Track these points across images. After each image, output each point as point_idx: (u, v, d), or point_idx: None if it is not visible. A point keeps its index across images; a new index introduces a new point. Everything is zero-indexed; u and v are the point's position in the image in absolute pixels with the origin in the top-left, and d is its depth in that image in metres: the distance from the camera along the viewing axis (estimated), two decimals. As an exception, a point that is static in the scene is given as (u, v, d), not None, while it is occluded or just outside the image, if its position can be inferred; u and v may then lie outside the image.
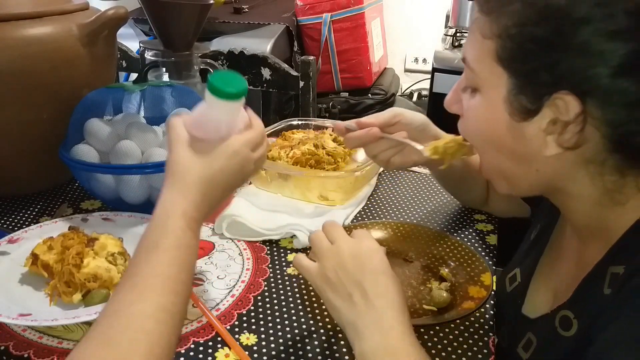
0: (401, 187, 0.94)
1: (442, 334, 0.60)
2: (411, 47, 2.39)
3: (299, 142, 0.91)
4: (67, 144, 0.81)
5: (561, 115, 0.45)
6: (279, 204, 0.83)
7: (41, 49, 0.76)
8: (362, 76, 1.99)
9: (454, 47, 1.73)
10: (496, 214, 0.83)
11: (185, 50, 1.05)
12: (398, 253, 0.74)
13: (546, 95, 0.45)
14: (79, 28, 0.80)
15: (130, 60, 1.44)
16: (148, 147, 0.80)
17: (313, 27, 1.94)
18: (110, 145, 0.80)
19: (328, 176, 0.84)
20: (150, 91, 0.90)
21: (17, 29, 0.75)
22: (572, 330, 0.49)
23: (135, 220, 0.76)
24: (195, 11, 1.02)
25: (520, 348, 0.56)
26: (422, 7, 2.32)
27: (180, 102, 0.88)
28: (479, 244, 0.78)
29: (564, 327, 0.50)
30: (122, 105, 0.89)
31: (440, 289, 0.65)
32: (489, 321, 0.63)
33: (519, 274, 0.64)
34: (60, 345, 0.57)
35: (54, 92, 0.79)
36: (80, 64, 0.81)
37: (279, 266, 0.72)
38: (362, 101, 1.96)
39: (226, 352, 0.57)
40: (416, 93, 2.34)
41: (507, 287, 0.65)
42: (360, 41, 1.94)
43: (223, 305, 0.64)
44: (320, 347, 0.58)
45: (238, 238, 0.77)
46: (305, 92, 1.31)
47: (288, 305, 0.64)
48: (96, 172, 0.78)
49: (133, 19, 1.86)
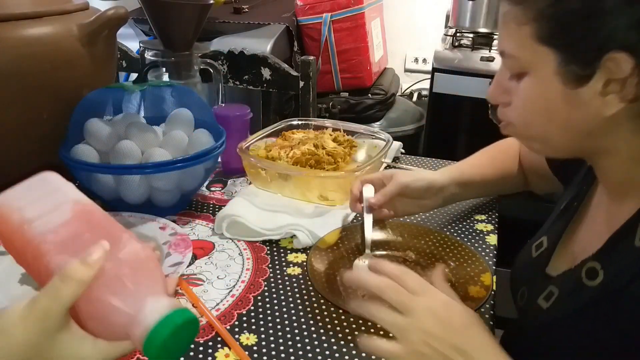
0: (401, 187, 0.94)
1: (442, 334, 0.60)
2: (411, 47, 2.38)
3: (299, 142, 0.92)
4: (67, 144, 0.81)
5: (615, 74, 0.46)
6: (279, 204, 0.83)
7: (41, 49, 0.76)
8: (362, 76, 1.98)
9: (454, 47, 1.73)
10: (536, 191, 0.84)
11: (185, 50, 1.05)
12: (398, 253, 0.74)
13: (596, 59, 0.46)
14: (79, 28, 0.80)
15: (130, 60, 1.44)
16: (148, 147, 0.80)
17: (313, 27, 1.94)
18: (110, 146, 0.80)
19: (328, 176, 0.84)
20: (150, 91, 0.90)
21: (17, 29, 0.75)
22: (597, 279, 0.50)
23: (135, 220, 0.76)
24: (195, 11, 1.02)
25: (541, 299, 0.56)
26: (422, 7, 2.32)
27: (180, 102, 0.88)
28: (479, 244, 0.78)
29: (590, 277, 0.51)
30: (122, 105, 0.89)
31: (440, 289, 0.65)
32: (489, 321, 0.63)
33: (545, 241, 0.64)
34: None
35: (54, 92, 0.79)
36: (80, 64, 0.81)
37: (279, 266, 0.72)
38: (362, 101, 1.96)
39: (226, 352, 0.57)
40: (416, 93, 2.34)
41: (533, 254, 0.65)
42: (360, 41, 1.94)
43: (223, 305, 0.64)
44: (320, 347, 0.58)
45: (238, 238, 0.77)
46: (305, 92, 1.31)
47: (288, 305, 0.64)
48: (96, 172, 0.78)
49: (133, 19, 1.86)
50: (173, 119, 0.86)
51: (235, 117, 0.94)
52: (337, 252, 0.72)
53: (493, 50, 1.71)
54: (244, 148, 0.88)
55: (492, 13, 1.73)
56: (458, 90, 1.64)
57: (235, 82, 1.39)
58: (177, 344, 0.40)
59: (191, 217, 0.84)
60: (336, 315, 0.63)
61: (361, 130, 0.99)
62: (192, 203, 0.88)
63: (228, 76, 1.38)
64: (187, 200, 0.87)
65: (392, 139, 0.93)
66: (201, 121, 0.86)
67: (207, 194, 0.91)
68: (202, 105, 0.87)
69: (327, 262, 0.70)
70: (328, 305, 0.64)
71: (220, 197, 0.90)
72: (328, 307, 0.64)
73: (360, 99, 1.96)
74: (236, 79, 1.39)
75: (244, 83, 1.38)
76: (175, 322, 0.39)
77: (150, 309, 0.40)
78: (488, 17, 1.73)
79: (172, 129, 0.84)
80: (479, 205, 0.89)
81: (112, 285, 0.41)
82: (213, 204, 0.88)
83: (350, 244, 0.74)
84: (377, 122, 1.97)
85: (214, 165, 0.87)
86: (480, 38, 1.76)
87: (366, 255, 0.71)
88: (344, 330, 0.60)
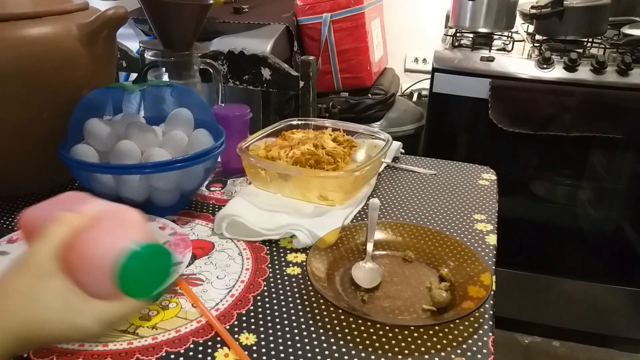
0: (401, 187, 0.94)
1: (441, 334, 0.60)
2: (411, 47, 2.39)
3: (298, 142, 0.92)
4: (67, 144, 0.81)
5: None
6: (278, 204, 0.83)
7: (41, 49, 0.76)
8: (362, 76, 1.99)
9: (454, 47, 1.73)
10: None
11: (185, 50, 1.05)
12: (398, 253, 0.74)
13: None
14: (78, 28, 0.80)
15: (130, 60, 1.44)
16: (148, 147, 0.80)
17: (313, 27, 1.94)
18: (109, 145, 0.80)
19: (328, 176, 0.84)
20: (150, 91, 0.90)
21: (16, 29, 0.75)
22: None
23: (135, 220, 0.76)
24: (195, 11, 1.02)
25: None
26: (422, 7, 2.32)
27: (180, 102, 0.88)
28: (478, 244, 0.78)
29: None
30: (122, 105, 0.89)
31: (440, 288, 0.65)
32: (489, 321, 0.63)
33: None
34: (59, 345, 0.57)
35: (54, 92, 0.79)
36: (80, 64, 0.81)
37: (278, 266, 0.72)
38: (362, 101, 1.96)
39: (225, 352, 0.57)
40: (416, 93, 2.34)
41: None
42: (360, 41, 1.94)
43: (222, 305, 0.64)
44: (319, 347, 0.58)
45: (237, 238, 0.77)
46: (305, 92, 1.31)
47: (288, 305, 0.64)
48: (96, 172, 0.78)
49: (133, 19, 1.86)
50: (173, 119, 0.86)
51: (235, 117, 0.94)
52: (337, 252, 0.72)
53: (493, 50, 1.71)
54: (244, 148, 0.88)
55: (492, 13, 1.73)
56: (458, 90, 1.64)
57: (235, 82, 1.39)
58: (152, 277, 0.41)
59: (191, 217, 0.84)
60: (336, 315, 0.63)
61: (361, 130, 0.99)
62: (192, 203, 0.88)
63: (228, 76, 1.38)
64: (187, 200, 0.87)
65: (392, 139, 0.93)
66: (201, 121, 0.86)
67: (206, 194, 0.91)
68: (202, 105, 0.87)
69: (327, 262, 0.70)
70: (328, 305, 0.64)
71: (220, 197, 0.90)
72: (328, 307, 0.64)
73: (360, 99, 1.97)
74: (236, 79, 1.39)
75: (244, 83, 1.38)
76: (144, 252, 0.41)
77: (125, 247, 0.42)
78: (488, 17, 1.73)
79: (171, 128, 0.84)
80: (479, 205, 0.89)
81: (97, 234, 0.43)
82: (213, 204, 0.88)
83: (350, 244, 0.74)
84: (377, 122, 1.97)
85: (214, 165, 0.87)
86: (480, 38, 1.76)
87: (367, 256, 0.71)
88: (344, 330, 0.60)
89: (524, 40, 1.83)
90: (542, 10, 1.65)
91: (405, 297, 0.66)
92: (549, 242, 1.84)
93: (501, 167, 1.08)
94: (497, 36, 1.78)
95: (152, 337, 0.58)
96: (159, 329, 0.60)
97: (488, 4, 1.72)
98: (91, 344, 0.57)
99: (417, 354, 0.57)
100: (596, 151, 1.69)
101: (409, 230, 0.77)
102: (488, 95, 1.59)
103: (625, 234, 1.76)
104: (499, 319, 0.66)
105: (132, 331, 0.59)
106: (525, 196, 1.83)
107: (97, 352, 0.56)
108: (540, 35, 1.74)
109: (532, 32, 1.80)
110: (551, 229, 1.84)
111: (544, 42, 1.72)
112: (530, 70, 1.60)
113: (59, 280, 0.42)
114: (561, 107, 1.57)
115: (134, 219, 0.46)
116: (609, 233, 1.79)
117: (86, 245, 0.43)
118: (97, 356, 0.56)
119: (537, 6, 1.68)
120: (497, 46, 1.74)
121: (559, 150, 1.70)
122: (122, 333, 0.59)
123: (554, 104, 1.57)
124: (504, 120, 1.59)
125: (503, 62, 1.63)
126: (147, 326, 0.60)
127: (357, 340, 0.59)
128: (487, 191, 0.94)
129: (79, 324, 0.44)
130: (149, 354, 0.56)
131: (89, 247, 0.42)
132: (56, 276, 0.42)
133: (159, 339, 0.58)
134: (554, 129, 1.60)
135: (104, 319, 0.44)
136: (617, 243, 1.78)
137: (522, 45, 1.79)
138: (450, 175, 1.00)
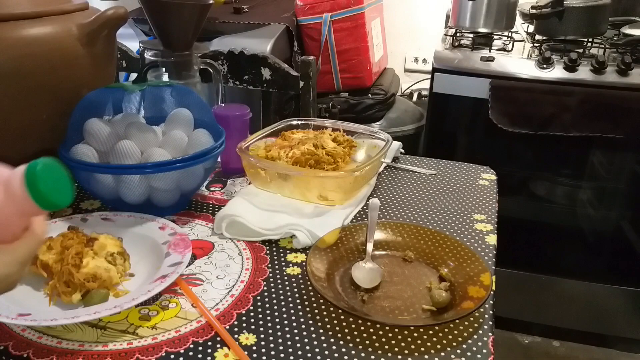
0: (401, 187, 0.94)
1: (441, 334, 0.60)
2: (411, 47, 2.38)
3: (298, 142, 0.91)
4: (67, 144, 0.81)
5: None
6: (278, 204, 0.83)
7: (40, 49, 0.76)
8: (362, 76, 1.99)
9: (454, 47, 1.73)
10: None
11: (185, 50, 1.05)
12: (397, 253, 0.74)
13: None
14: (78, 28, 0.80)
15: (130, 60, 1.44)
16: (148, 147, 0.80)
17: (313, 27, 1.94)
18: (109, 145, 0.80)
19: (327, 176, 0.84)
20: (150, 91, 0.90)
21: (16, 29, 0.75)
22: None
23: (134, 220, 0.76)
24: (195, 11, 1.02)
25: None
26: (422, 7, 2.32)
27: (180, 102, 0.88)
28: (478, 244, 0.78)
29: None
30: (121, 105, 0.89)
31: (440, 288, 0.65)
32: (489, 321, 0.63)
33: None
34: (59, 345, 0.57)
35: (54, 93, 0.79)
36: (80, 64, 0.81)
37: (278, 266, 0.72)
38: (362, 101, 1.96)
39: (225, 352, 0.57)
40: (416, 93, 2.34)
41: None
42: (360, 41, 1.94)
43: (222, 305, 0.64)
44: (319, 347, 0.58)
45: (237, 238, 0.77)
46: (305, 92, 1.31)
47: (287, 305, 0.64)
48: (96, 172, 0.78)
49: (133, 19, 1.86)
50: (173, 119, 0.86)
51: (235, 117, 0.94)
52: (337, 252, 0.72)
53: (493, 50, 1.71)
54: (244, 148, 0.88)
55: (492, 13, 1.73)
56: (458, 90, 1.64)
57: (235, 82, 1.39)
58: (56, 184, 0.42)
59: (191, 217, 0.84)
60: (336, 315, 0.63)
61: (361, 130, 0.99)
62: (192, 203, 0.88)
63: (228, 76, 1.38)
64: (187, 200, 0.87)
65: (391, 139, 0.93)
66: (201, 121, 0.86)
67: (206, 194, 0.91)
68: (202, 105, 0.87)
69: (327, 262, 0.70)
70: (327, 305, 0.64)
71: (219, 197, 0.90)
72: (327, 307, 0.64)
73: (360, 99, 1.96)
74: (236, 79, 1.39)
75: (244, 83, 1.38)
76: (44, 161, 0.41)
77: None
78: (488, 17, 1.73)
79: (171, 128, 0.84)
80: (479, 205, 0.89)
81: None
82: (212, 204, 0.88)
83: (349, 244, 0.74)
84: (377, 122, 1.97)
85: (214, 165, 0.87)
86: (480, 38, 1.76)
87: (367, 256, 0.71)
88: (344, 330, 0.60)
89: (524, 40, 1.83)
90: (542, 10, 1.65)
91: (405, 297, 0.66)
92: (549, 242, 1.84)
93: (501, 167, 1.08)
94: (497, 36, 1.78)
95: (152, 337, 0.58)
96: (158, 329, 0.60)
97: (488, 4, 1.71)
98: (91, 344, 0.57)
99: (417, 354, 0.57)
100: (596, 151, 1.69)
101: (408, 230, 0.77)
102: (488, 95, 1.59)
103: (625, 234, 1.76)
104: (499, 319, 0.66)
105: (132, 331, 0.59)
106: (525, 196, 1.83)
107: (97, 352, 0.56)
108: (540, 35, 1.74)
109: (532, 32, 1.80)
110: (551, 229, 1.84)
111: (544, 42, 1.72)
112: (530, 70, 1.60)
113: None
114: (561, 107, 1.57)
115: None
116: (608, 233, 1.79)
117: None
118: (97, 356, 0.56)
119: (537, 6, 1.68)
120: (497, 46, 1.74)
121: (558, 150, 1.69)
122: (122, 333, 0.59)
123: (553, 104, 1.57)
124: (504, 120, 1.59)
125: (503, 62, 1.63)
126: (147, 326, 0.60)
127: (357, 340, 0.59)
128: (487, 191, 0.94)
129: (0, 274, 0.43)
130: (149, 354, 0.56)
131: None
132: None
133: (158, 339, 0.58)
134: (553, 129, 1.59)
135: (19, 261, 0.43)
136: (617, 243, 1.78)
137: (522, 45, 1.79)
138: (450, 175, 1.00)
